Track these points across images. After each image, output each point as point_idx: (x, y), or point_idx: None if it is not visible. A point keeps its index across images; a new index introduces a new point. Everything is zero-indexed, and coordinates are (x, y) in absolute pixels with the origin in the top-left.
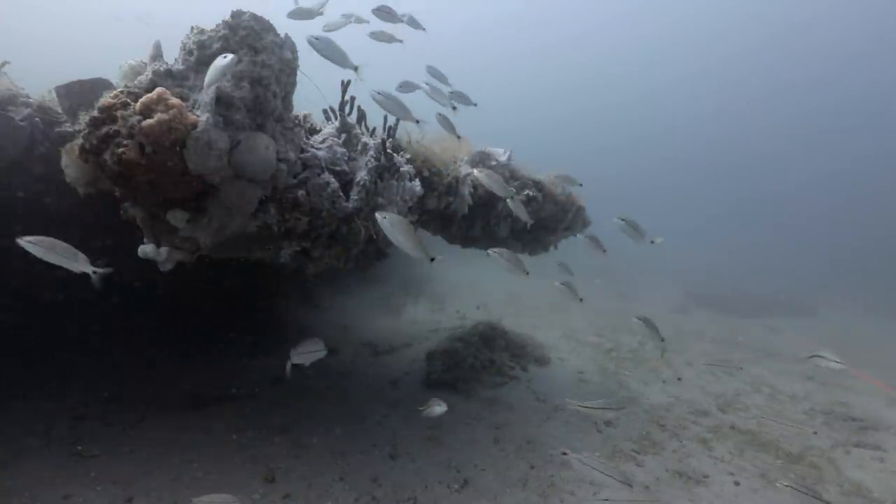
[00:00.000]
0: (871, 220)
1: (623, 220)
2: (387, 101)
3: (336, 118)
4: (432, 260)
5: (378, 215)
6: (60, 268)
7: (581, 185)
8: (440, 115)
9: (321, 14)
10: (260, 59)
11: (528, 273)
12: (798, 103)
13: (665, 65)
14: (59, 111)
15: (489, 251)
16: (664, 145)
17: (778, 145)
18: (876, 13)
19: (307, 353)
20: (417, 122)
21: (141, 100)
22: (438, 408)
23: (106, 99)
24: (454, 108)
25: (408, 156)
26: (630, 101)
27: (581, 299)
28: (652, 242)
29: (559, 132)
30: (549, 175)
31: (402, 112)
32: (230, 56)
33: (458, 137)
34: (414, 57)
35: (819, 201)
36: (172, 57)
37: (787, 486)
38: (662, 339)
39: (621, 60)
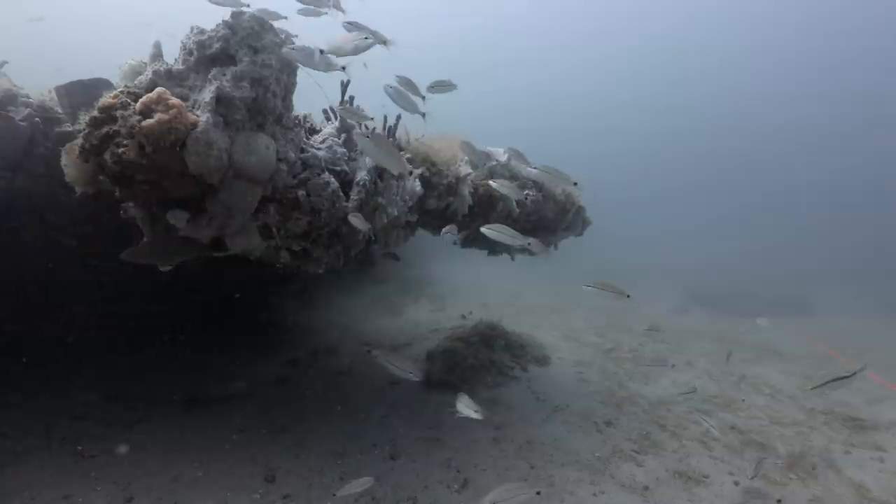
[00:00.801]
0: (872, 220)
1: (538, 168)
2: (296, 53)
3: (336, 118)
4: (411, 174)
5: (357, 136)
6: (61, 268)
7: (535, 168)
8: (393, 82)
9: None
10: (260, 59)
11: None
12: (801, 105)
13: (667, 67)
14: (60, 111)
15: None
16: (667, 147)
17: (780, 147)
18: (881, 12)
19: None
20: (343, 68)
21: (141, 100)
22: (475, 414)
23: (106, 99)
24: (386, 43)
25: (408, 155)
26: (632, 103)
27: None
28: (575, 185)
29: (564, 134)
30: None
31: (309, 61)
32: (370, 41)
33: (424, 98)
34: (417, 59)
35: (820, 202)
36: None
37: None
38: (628, 296)
39: (624, 62)
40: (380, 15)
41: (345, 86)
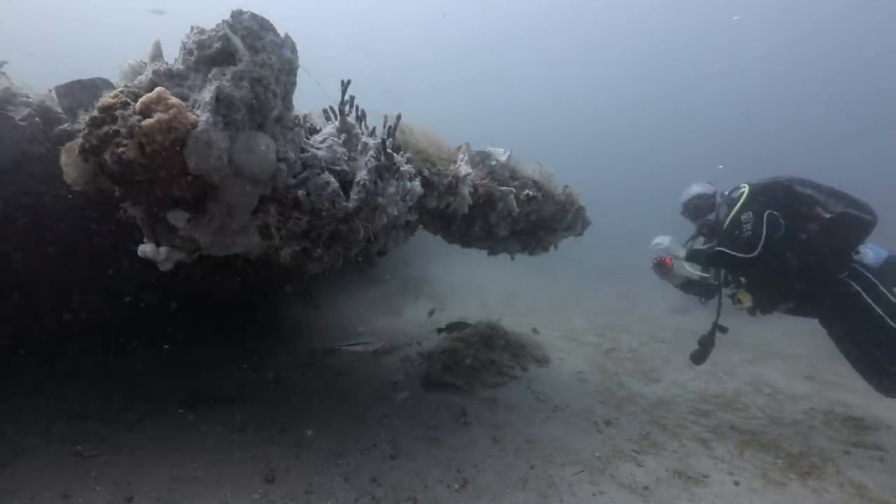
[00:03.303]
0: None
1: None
2: None
3: (336, 118)
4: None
5: None
6: (60, 268)
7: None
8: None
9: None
10: (260, 59)
11: None
12: (806, 107)
13: (674, 69)
14: (59, 111)
15: None
16: (671, 148)
17: (786, 147)
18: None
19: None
20: None
21: (141, 99)
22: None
23: (106, 99)
24: None
25: (407, 154)
26: (639, 105)
27: None
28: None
29: (571, 135)
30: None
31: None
32: None
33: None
34: (422, 59)
35: None
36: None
37: None
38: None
39: (632, 64)
40: (392, 17)
41: (345, 86)
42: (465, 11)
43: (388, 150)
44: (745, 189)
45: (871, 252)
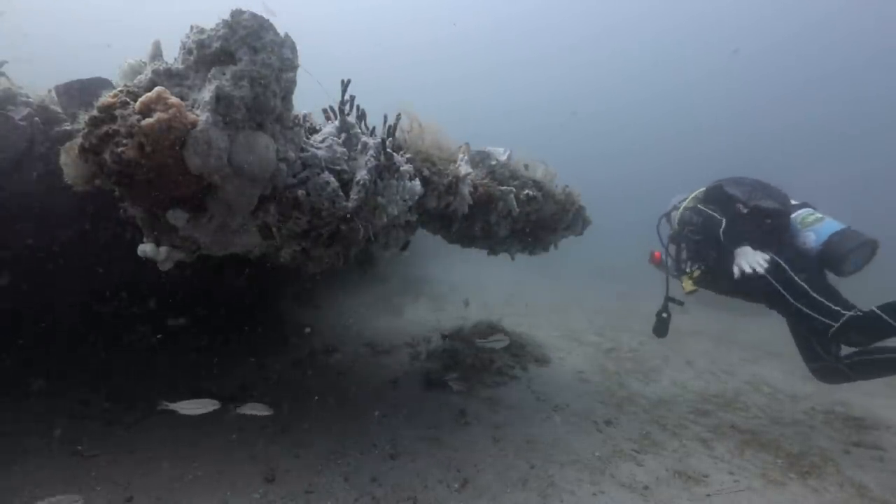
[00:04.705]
0: (871, 220)
1: None
2: None
3: (336, 117)
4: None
5: None
6: (60, 267)
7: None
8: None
9: None
10: (260, 59)
11: None
12: (810, 108)
13: (674, 68)
14: (59, 110)
15: None
16: (671, 147)
17: (787, 147)
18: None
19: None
20: None
21: (140, 99)
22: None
23: (105, 98)
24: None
25: (407, 154)
26: (638, 104)
27: None
28: None
29: (570, 134)
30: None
31: None
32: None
33: None
34: (420, 58)
35: (822, 203)
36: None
37: None
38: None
39: (631, 63)
40: (390, 16)
41: (345, 85)
42: (463, 10)
43: (388, 150)
44: (698, 192)
45: (812, 234)
